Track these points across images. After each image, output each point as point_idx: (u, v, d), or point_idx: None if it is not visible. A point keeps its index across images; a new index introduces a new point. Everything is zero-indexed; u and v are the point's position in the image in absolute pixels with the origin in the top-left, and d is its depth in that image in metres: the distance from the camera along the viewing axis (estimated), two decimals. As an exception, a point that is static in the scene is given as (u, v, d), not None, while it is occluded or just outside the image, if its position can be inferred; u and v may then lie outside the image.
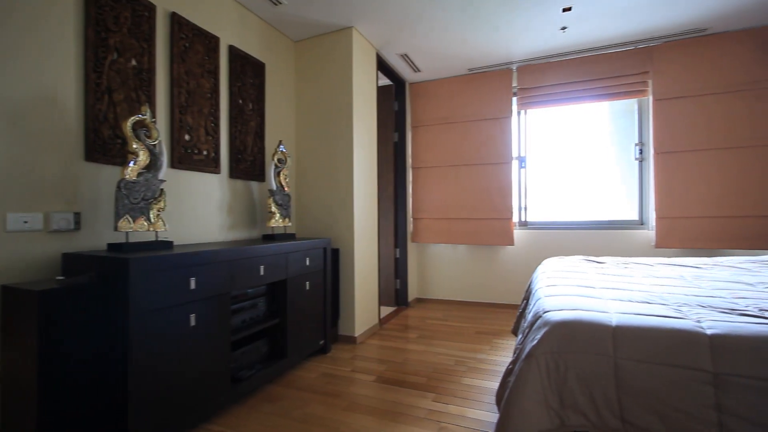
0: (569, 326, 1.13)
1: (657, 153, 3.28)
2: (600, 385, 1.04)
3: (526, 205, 3.90)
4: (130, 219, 1.67)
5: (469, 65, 3.74)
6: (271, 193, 2.55)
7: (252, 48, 2.70)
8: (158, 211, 1.79)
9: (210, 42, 2.35)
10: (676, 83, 3.21)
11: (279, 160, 2.65)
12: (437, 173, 4.08)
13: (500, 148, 3.80)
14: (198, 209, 2.27)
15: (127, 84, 1.88)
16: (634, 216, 3.54)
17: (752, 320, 1.10)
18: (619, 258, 2.42)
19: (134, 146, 1.69)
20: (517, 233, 3.85)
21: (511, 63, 3.70)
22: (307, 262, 2.49)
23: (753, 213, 3.01)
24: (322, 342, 2.65)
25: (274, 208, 2.55)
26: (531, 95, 3.73)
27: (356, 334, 2.93)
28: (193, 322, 1.65)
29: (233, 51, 2.52)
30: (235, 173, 2.52)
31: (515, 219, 3.89)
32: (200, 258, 1.69)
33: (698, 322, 1.08)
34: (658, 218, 3.26)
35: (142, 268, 1.44)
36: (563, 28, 3.02)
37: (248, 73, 2.65)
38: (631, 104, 3.57)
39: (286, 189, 2.68)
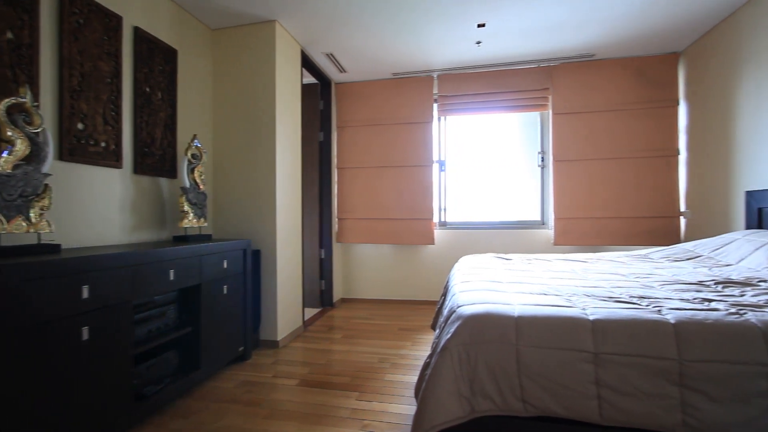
0: (479, 319, 1.23)
1: (555, 161, 3.69)
2: (504, 371, 1.15)
3: (445, 207, 4.12)
4: (3, 219, 1.43)
5: (393, 70, 3.84)
6: (184, 191, 2.36)
7: (162, 32, 2.48)
8: (41, 209, 1.56)
9: (110, 21, 2.10)
10: (570, 100, 3.65)
11: (193, 156, 2.46)
12: (362, 174, 4.12)
13: (422, 152, 3.97)
14: (95, 208, 2.01)
15: (1, 60, 1.60)
16: (537, 217, 3.95)
17: (625, 305, 1.30)
18: (524, 255, 2.68)
19: (9, 133, 1.44)
20: (437, 233, 4.05)
21: (433, 71, 3.88)
22: (225, 265, 2.35)
23: (631, 215, 3.54)
24: (241, 349, 2.52)
25: (187, 208, 2.36)
26: (450, 103, 3.96)
27: (279, 338, 2.84)
28: (85, 336, 1.46)
29: (139, 33, 2.28)
30: (140, 168, 2.29)
31: (435, 219, 4.09)
32: (94, 263, 1.50)
33: (584, 309, 1.25)
34: (556, 219, 3.68)
35: (18, 275, 1.23)
36: (478, 43, 3.25)
37: (157, 58, 2.43)
38: (535, 116, 3.97)
39: (201, 187, 2.50)
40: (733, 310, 1.22)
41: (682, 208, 3.47)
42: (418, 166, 3.98)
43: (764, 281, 1.60)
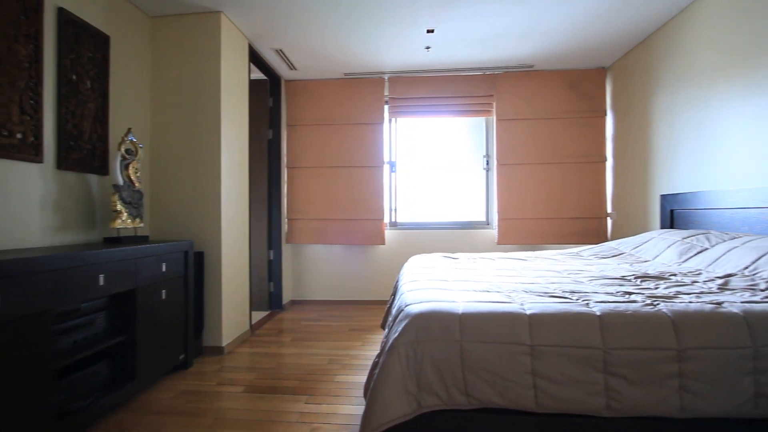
0: (425, 317, 1.26)
1: (499, 164, 3.89)
2: (449, 366, 1.19)
3: (396, 207, 4.18)
4: None
5: (345, 69, 3.83)
6: (117, 188, 2.19)
7: (92, 15, 2.27)
8: (-59, 209, 1.37)
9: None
10: (513, 107, 3.87)
11: (127, 151, 2.29)
12: (313, 174, 4.06)
13: (373, 153, 4.00)
14: (9, 207, 1.80)
15: None
16: (482, 218, 4.13)
17: (558, 300, 1.40)
18: (470, 254, 2.79)
19: None
20: (388, 233, 4.10)
21: (384, 73, 3.92)
22: (164, 268, 2.21)
23: (565, 216, 3.82)
24: (182, 356, 2.39)
25: (120, 207, 2.19)
26: (401, 105, 4.02)
27: (224, 344, 2.72)
28: (-3, 350, 1.31)
29: (64, 15, 2.08)
30: (65, 164, 2.08)
31: (386, 220, 4.14)
32: (7, 269, 1.35)
33: (521, 304, 1.33)
34: (500, 219, 3.87)
35: None
36: (427, 48, 3.34)
37: (86, 44, 2.22)
38: (480, 121, 4.16)
39: (136, 185, 2.33)
40: (648, 301, 1.36)
41: (609, 209, 3.81)
42: (370, 166, 4.00)
43: (674, 275, 1.81)
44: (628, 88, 3.46)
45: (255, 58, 3.39)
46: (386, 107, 4.06)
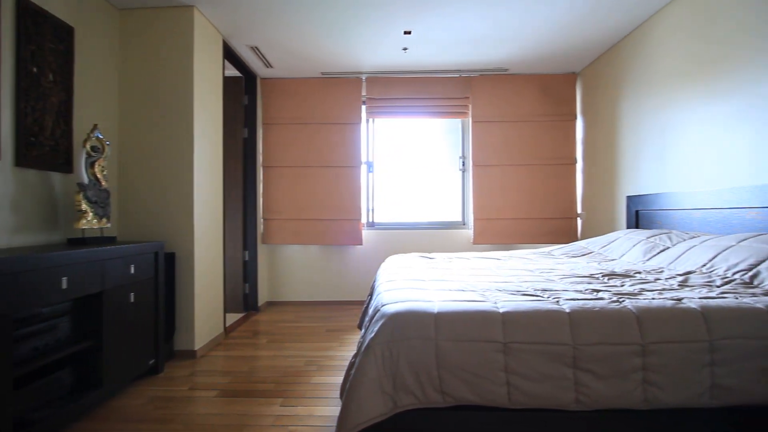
0: (401, 317, 1.27)
1: (474, 165, 3.95)
2: (425, 365, 1.21)
3: (373, 207, 4.19)
4: None
5: (322, 69, 3.80)
6: (82, 187, 2.09)
7: (54, 5, 2.16)
8: None
9: (-17, -13, 1.79)
10: (487, 109, 3.94)
11: (93, 148, 2.20)
12: (289, 173, 4.02)
13: (350, 153, 3.99)
14: (-40, 207, 1.69)
15: None
16: (458, 218, 4.19)
17: (530, 298, 1.44)
18: (447, 254, 2.83)
19: None
20: (366, 233, 4.10)
21: (361, 73, 3.92)
22: (133, 270, 2.13)
23: (538, 216, 3.93)
24: (152, 361, 2.31)
25: (85, 206, 2.10)
26: (378, 105, 4.03)
27: (196, 348, 2.65)
28: (-52, 359, 1.23)
29: (24, 4, 1.97)
30: (25, 161, 1.97)
31: (363, 220, 4.14)
32: (-38, 272, 1.27)
33: (495, 303, 1.36)
34: (475, 219, 3.94)
35: None
36: (405, 49, 3.36)
37: (48, 35, 2.12)
38: (457, 123, 4.22)
39: (103, 183, 2.24)
40: (614, 298, 1.41)
41: (579, 210, 3.95)
42: (347, 166, 3.99)
43: (639, 273, 1.89)
44: (596, 93, 3.59)
45: (230, 55, 3.32)
46: (364, 107, 4.06)
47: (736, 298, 1.37)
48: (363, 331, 1.45)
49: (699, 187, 2.39)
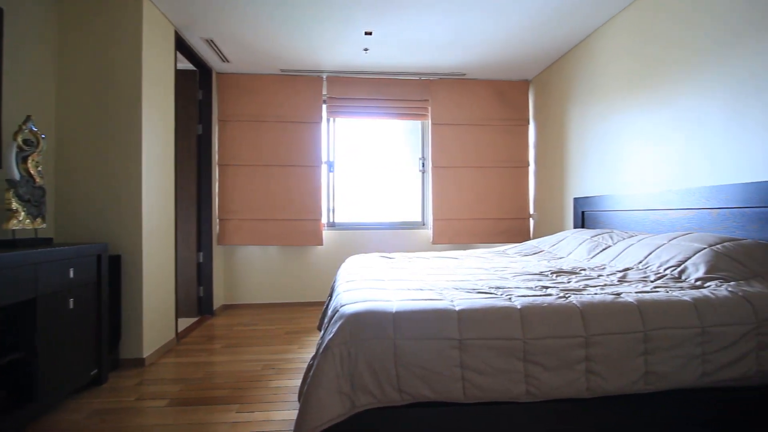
0: (360, 317, 1.28)
1: (434, 167, 4.04)
2: (383, 364, 1.22)
3: (334, 207, 4.16)
4: None
5: (281, 65, 3.73)
6: (12, 184, 1.92)
7: (-22, -15, 1.97)
8: None
9: None
10: (446, 112, 4.04)
11: (26, 142, 2.02)
12: (247, 172, 3.90)
13: (311, 152, 3.94)
14: None
15: None
16: (418, 218, 4.26)
17: (484, 296, 1.50)
18: (407, 253, 2.87)
19: None
20: (326, 233, 4.07)
21: (322, 72, 3.89)
22: (72, 274, 1.98)
23: (494, 216, 4.08)
24: (94, 372, 2.16)
25: (15, 205, 1.92)
26: (339, 105, 4.01)
27: (145, 355, 2.50)
28: None
29: (-60, -18, 1.78)
30: (-58, 155, 1.78)
31: (324, 220, 4.10)
32: None
33: (452, 301, 1.40)
34: (435, 220, 4.02)
35: None
36: (366, 49, 3.37)
37: (-30, 18, 1.92)
38: (417, 124, 4.29)
39: (37, 180, 2.07)
40: (561, 294, 1.50)
41: (531, 210, 4.14)
42: (307, 166, 3.93)
43: (584, 270, 2.02)
44: (547, 100, 3.79)
45: (183, 47, 3.17)
46: (324, 106, 4.02)
47: (667, 292, 1.50)
48: (322, 332, 1.44)
49: (637, 189, 2.59)
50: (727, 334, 1.34)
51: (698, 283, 1.59)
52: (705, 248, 1.72)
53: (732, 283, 1.52)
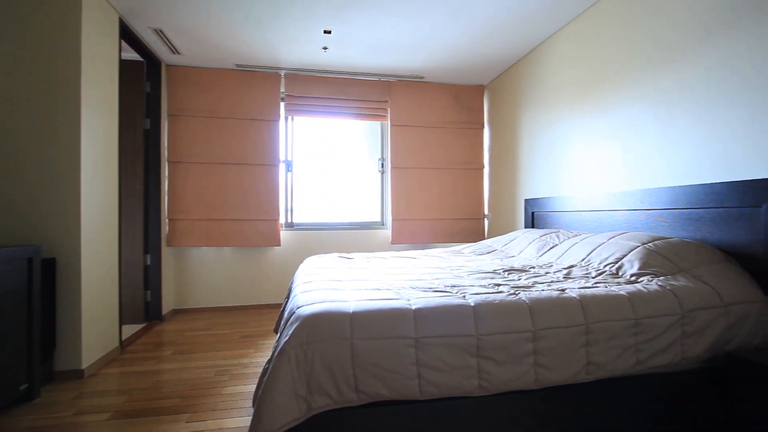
0: (317, 318, 1.27)
1: (393, 167, 4.08)
2: (340, 365, 1.22)
3: (292, 207, 4.09)
4: None
5: (237, 60, 3.61)
6: None
7: None
8: None
9: None
10: (405, 114, 4.09)
11: (-60, 135, 1.81)
12: (200, 170, 3.73)
13: (268, 150, 3.84)
14: None
15: None
16: (377, 218, 4.29)
17: (440, 294, 1.54)
18: (366, 253, 2.88)
19: None
20: (284, 234, 3.99)
21: (280, 69, 3.80)
22: (-3, 281, 1.80)
23: (450, 216, 4.18)
24: (24, 386, 1.97)
25: (-73, 205, 1.72)
26: (297, 103, 3.94)
27: (84, 366, 2.33)
28: None
29: None
30: None
31: (282, 220, 4.01)
32: None
33: (408, 300, 1.43)
34: (394, 220, 4.06)
35: None
36: (325, 48, 3.34)
37: None
38: (376, 125, 4.31)
39: (-46, 177, 1.86)
40: (512, 291, 1.57)
41: (486, 211, 4.30)
42: (264, 164, 3.83)
43: (533, 267, 2.12)
44: (500, 106, 3.95)
45: (129, 36, 2.98)
46: (282, 104, 3.94)
47: (606, 287, 1.61)
48: (278, 334, 1.41)
49: (581, 192, 2.77)
50: (656, 325, 1.46)
51: (633, 278, 1.72)
52: (639, 246, 1.87)
53: (661, 278, 1.67)
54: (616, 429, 1.45)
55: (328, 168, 4.23)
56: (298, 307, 1.36)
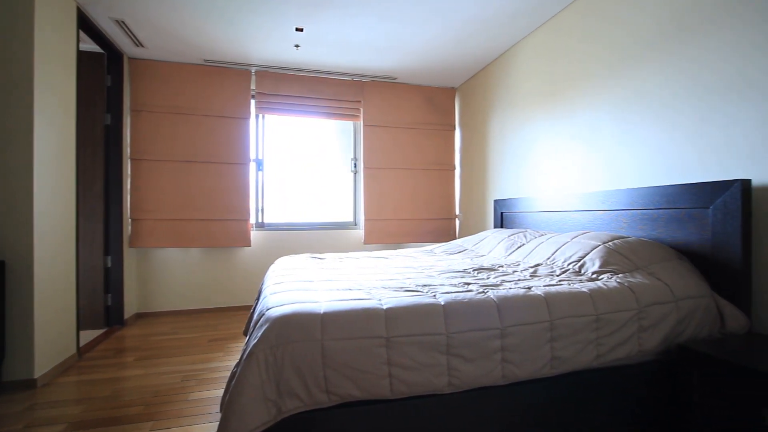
0: (286, 320, 1.25)
1: (365, 168, 4.08)
2: (310, 367, 1.21)
3: (263, 207, 4.01)
4: None
5: (205, 55, 3.50)
6: None
7: None
8: None
9: None
10: (378, 114, 4.11)
11: None
12: (165, 168, 3.60)
13: (238, 149, 3.75)
14: None
15: None
16: (350, 218, 4.27)
17: (411, 293, 1.55)
18: (338, 254, 2.86)
19: None
20: (254, 234, 3.91)
21: (250, 65, 3.72)
22: (-63, 286, 1.67)
23: (422, 217, 4.23)
24: (-33, 398, 1.84)
25: None
26: (269, 101, 3.87)
27: (36, 375, 2.19)
28: None
29: None
30: None
31: (252, 220, 3.93)
32: None
33: (379, 300, 1.43)
34: (366, 220, 4.07)
35: None
36: (297, 46, 3.30)
37: None
38: (349, 125, 4.29)
39: None
40: (481, 290, 1.61)
41: (457, 211, 4.37)
42: (234, 163, 3.74)
43: (502, 266, 2.18)
44: (471, 108, 4.03)
45: (88, 27, 2.83)
46: (253, 102, 3.86)
47: (569, 285, 1.68)
48: (247, 337, 1.38)
49: (546, 193, 2.87)
50: (615, 320, 1.54)
51: (594, 276, 1.80)
52: (600, 245, 1.96)
53: (620, 275, 1.75)
54: (578, 420, 1.52)
55: (300, 167, 4.17)
56: (268, 309, 1.33)
